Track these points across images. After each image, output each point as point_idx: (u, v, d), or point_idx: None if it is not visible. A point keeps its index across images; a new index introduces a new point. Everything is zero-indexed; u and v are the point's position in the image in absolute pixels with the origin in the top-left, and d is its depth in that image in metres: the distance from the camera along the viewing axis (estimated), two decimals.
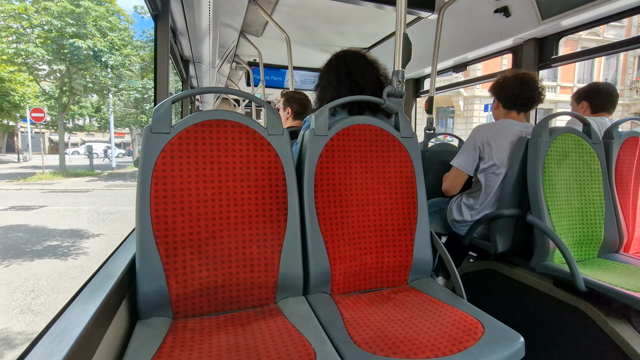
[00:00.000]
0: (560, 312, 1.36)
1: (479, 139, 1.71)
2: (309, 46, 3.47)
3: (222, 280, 1.02)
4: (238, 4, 2.42)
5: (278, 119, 1.12)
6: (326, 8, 2.56)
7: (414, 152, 1.28)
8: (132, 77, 18.47)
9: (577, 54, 2.15)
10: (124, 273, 0.91)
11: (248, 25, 2.99)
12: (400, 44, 1.33)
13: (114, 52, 15.46)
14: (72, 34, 14.14)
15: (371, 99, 1.25)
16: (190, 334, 0.89)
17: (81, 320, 0.67)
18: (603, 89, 2.09)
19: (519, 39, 2.31)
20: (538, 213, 1.44)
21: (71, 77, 15.27)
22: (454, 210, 1.85)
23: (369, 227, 1.21)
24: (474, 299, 1.13)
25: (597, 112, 2.11)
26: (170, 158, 0.99)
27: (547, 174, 1.48)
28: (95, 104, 22.27)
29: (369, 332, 0.92)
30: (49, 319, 0.70)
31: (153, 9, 1.77)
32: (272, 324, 0.94)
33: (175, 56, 3.04)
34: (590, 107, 2.13)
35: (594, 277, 1.30)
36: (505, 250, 1.62)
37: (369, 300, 1.13)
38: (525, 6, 2.08)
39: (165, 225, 0.97)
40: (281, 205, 1.09)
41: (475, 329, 0.91)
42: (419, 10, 2.26)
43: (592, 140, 1.61)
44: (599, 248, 1.58)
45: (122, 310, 0.89)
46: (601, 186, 1.60)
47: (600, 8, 1.80)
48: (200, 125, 1.03)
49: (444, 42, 2.50)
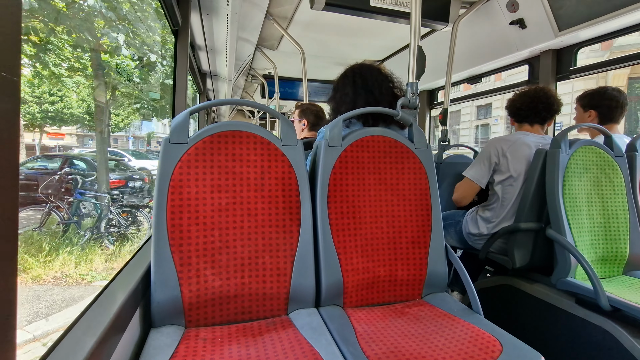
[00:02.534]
0: (583, 331, 1.30)
1: (494, 151, 1.68)
2: (323, 59, 3.52)
3: (234, 290, 1.02)
4: (255, 20, 2.49)
5: (292, 130, 1.14)
6: (340, 22, 2.60)
7: (429, 164, 1.27)
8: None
9: (596, 65, 2.10)
10: (139, 281, 0.93)
11: (264, 39, 3.07)
12: (415, 56, 1.33)
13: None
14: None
15: (385, 111, 1.25)
16: (202, 343, 0.89)
17: (97, 326, 0.68)
18: (614, 98, 1.88)
19: (536, 51, 2.29)
20: (558, 227, 1.40)
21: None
22: (470, 223, 1.81)
23: (382, 240, 1.20)
24: (491, 315, 1.09)
25: (605, 123, 1.91)
26: (187, 168, 1.01)
27: (567, 187, 1.44)
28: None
29: (381, 347, 0.90)
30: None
31: (174, 25, 1.84)
32: (284, 336, 0.93)
33: (193, 70, 3.14)
34: (598, 117, 1.93)
35: (619, 295, 1.24)
36: (523, 266, 1.57)
37: (382, 314, 1.11)
38: (541, 18, 2.07)
39: (180, 234, 0.98)
40: (294, 215, 1.09)
41: (493, 347, 0.88)
42: (433, 22, 2.27)
43: (614, 152, 1.56)
44: (624, 265, 1.51)
45: (136, 318, 0.90)
46: (625, 200, 1.54)
47: (617, 20, 1.77)
48: (217, 136, 1.05)
49: (458, 54, 2.50)
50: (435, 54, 2.86)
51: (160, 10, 1.75)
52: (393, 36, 2.99)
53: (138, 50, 5.97)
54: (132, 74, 6.24)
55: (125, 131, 15.16)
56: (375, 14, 2.08)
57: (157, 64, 6.71)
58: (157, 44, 6.17)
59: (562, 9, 1.97)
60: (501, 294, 1.68)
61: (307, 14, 2.48)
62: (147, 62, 6.44)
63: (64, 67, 5.22)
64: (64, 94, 7.15)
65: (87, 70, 5.61)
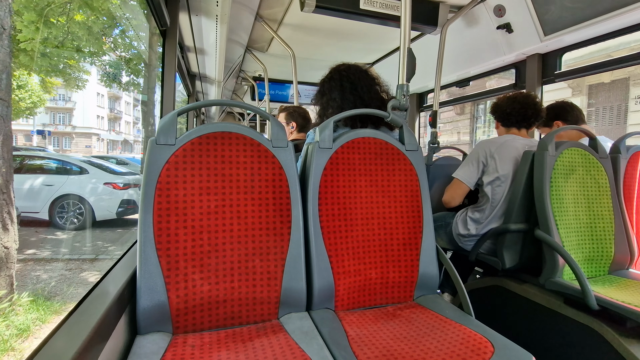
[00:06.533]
0: (572, 331, 1.31)
1: (482, 152, 1.71)
2: (313, 61, 3.52)
3: (223, 295, 1.00)
4: (245, 21, 2.47)
5: (283, 132, 1.12)
6: (331, 24, 2.61)
7: (419, 166, 1.27)
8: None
9: (580, 69, 2.15)
10: (124, 286, 0.90)
11: (254, 41, 3.06)
12: (405, 58, 1.34)
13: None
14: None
15: (376, 112, 1.25)
16: (190, 350, 0.87)
17: (80, 333, 0.65)
18: (572, 105, 1.97)
19: (522, 55, 2.33)
20: (546, 228, 1.42)
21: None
22: (460, 225, 1.82)
23: (374, 242, 1.19)
24: (481, 316, 1.09)
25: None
26: (175, 170, 0.98)
27: (555, 188, 1.46)
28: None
29: (374, 351, 0.89)
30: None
31: (162, 25, 1.81)
32: (274, 341, 0.91)
33: (182, 71, 3.10)
34: (565, 125, 1.95)
35: (605, 294, 1.26)
36: (512, 266, 1.58)
37: (374, 316, 1.10)
38: (527, 23, 2.11)
39: (168, 237, 0.95)
40: (285, 218, 1.08)
41: (485, 348, 0.88)
42: (423, 26, 2.29)
43: (599, 154, 1.60)
44: (609, 265, 1.54)
45: (121, 325, 0.87)
46: (609, 201, 1.58)
47: (602, 24, 1.81)
48: (205, 137, 1.03)
49: (447, 58, 2.53)
50: (424, 58, 2.89)
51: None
52: (384, 39, 3.01)
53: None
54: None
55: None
56: (365, 16, 2.09)
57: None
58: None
59: (547, 14, 2.01)
60: (491, 295, 1.69)
61: (297, 16, 2.47)
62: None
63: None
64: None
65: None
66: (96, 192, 5.29)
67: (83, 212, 5.12)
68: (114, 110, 31.53)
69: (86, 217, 5.11)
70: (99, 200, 5.25)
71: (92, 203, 5.15)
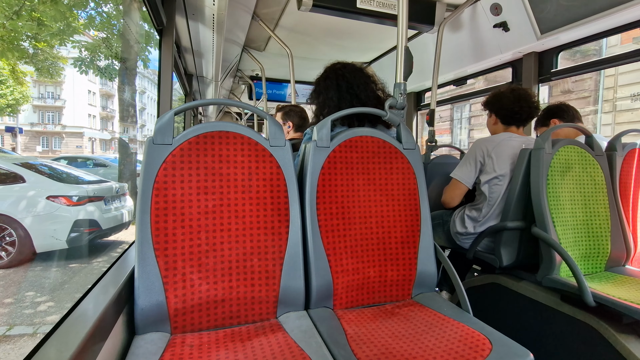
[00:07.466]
0: (569, 327, 1.32)
1: (479, 152, 1.71)
2: (310, 60, 3.52)
3: (222, 295, 0.99)
4: (241, 20, 2.47)
5: (280, 131, 1.12)
6: (328, 23, 2.60)
7: (417, 164, 1.27)
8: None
9: (577, 67, 2.16)
10: (122, 286, 0.90)
11: (251, 40, 3.05)
12: (402, 57, 1.34)
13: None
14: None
15: (374, 111, 1.25)
16: (189, 350, 0.87)
17: (77, 334, 0.65)
18: (568, 105, 2.01)
19: (518, 53, 2.34)
20: (543, 225, 1.42)
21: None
22: (457, 223, 1.83)
23: (372, 240, 1.19)
24: (479, 313, 1.10)
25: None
26: (172, 169, 0.98)
27: (551, 185, 1.47)
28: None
29: (372, 349, 0.89)
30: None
31: (158, 24, 1.80)
32: (273, 340, 0.92)
33: (179, 70, 3.09)
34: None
35: (602, 291, 1.27)
36: (510, 264, 1.59)
37: (373, 315, 1.10)
38: (524, 21, 2.12)
39: (165, 237, 0.95)
40: (283, 217, 1.08)
41: (483, 345, 0.88)
42: (419, 24, 2.30)
43: (595, 152, 1.61)
44: (605, 261, 1.55)
45: (119, 325, 0.87)
46: (605, 198, 1.59)
47: (598, 23, 1.82)
48: (203, 136, 1.03)
49: (444, 56, 2.54)
50: (421, 56, 2.90)
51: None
52: (381, 38, 3.01)
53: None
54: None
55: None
56: (362, 15, 2.09)
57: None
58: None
59: (543, 12, 2.02)
60: (489, 293, 1.70)
61: (294, 15, 2.47)
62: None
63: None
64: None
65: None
66: (35, 209, 3.63)
67: (14, 240, 3.53)
68: (106, 108, 30.94)
69: (17, 249, 3.54)
70: (38, 222, 3.59)
71: (27, 227, 3.54)
